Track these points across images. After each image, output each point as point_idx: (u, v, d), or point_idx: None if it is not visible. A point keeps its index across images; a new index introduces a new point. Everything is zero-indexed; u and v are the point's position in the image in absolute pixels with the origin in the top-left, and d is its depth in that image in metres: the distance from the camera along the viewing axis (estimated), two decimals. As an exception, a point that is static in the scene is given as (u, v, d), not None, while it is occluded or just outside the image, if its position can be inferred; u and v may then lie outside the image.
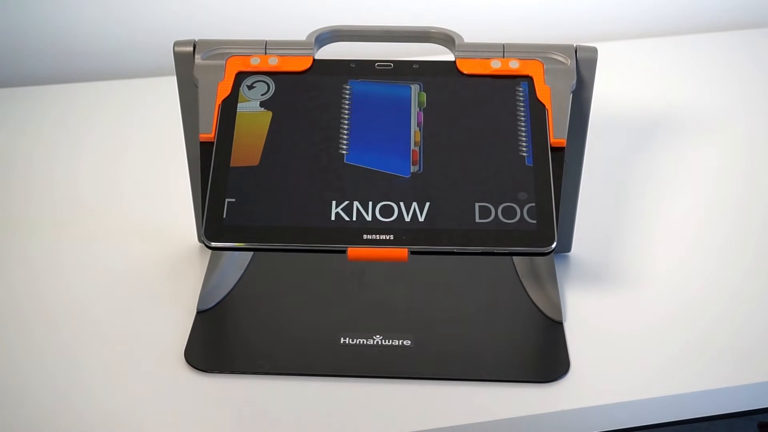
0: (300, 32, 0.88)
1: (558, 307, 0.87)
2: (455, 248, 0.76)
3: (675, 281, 0.92)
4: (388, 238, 0.76)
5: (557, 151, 0.81)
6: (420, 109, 0.83)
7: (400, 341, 0.84)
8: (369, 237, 0.76)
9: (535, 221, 0.77)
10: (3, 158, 1.09)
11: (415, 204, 0.78)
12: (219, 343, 0.87)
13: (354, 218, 0.77)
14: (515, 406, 0.79)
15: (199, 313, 0.87)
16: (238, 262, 0.91)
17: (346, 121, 0.82)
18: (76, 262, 0.93)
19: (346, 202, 0.78)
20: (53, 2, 1.21)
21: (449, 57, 0.85)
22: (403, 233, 0.76)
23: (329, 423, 0.78)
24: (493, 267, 0.92)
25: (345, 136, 0.81)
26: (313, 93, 0.83)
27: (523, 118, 0.82)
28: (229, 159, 0.80)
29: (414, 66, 0.85)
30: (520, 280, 0.90)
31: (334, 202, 0.78)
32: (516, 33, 1.30)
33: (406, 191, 0.79)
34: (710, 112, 1.17)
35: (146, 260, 0.93)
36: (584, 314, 0.87)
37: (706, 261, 0.94)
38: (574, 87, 0.83)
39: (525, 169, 0.80)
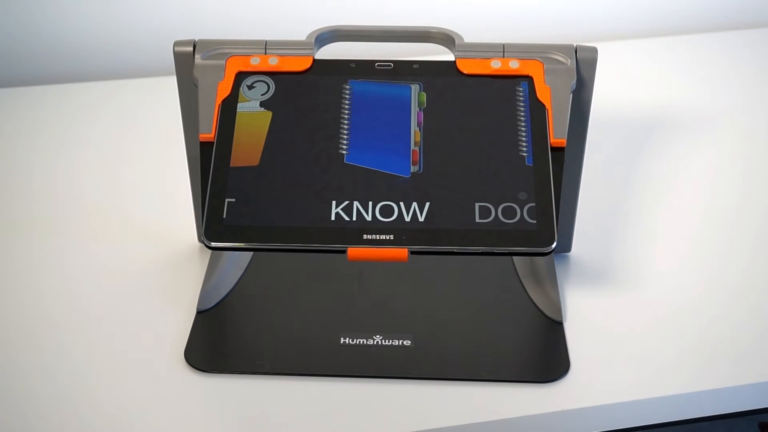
0: (300, 32, 0.88)
1: (558, 307, 0.87)
2: (455, 248, 0.76)
3: (675, 281, 0.92)
4: (388, 238, 0.76)
5: (557, 151, 0.81)
6: (420, 109, 0.83)
7: (400, 341, 0.84)
8: (369, 237, 0.76)
9: (535, 221, 0.77)
10: (3, 158, 1.09)
11: (415, 204, 0.78)
12: (219, 343, 0.87)
13: (354, 218, 0.77)
14: (515, 406, 0.79)
15: (199, 313, 0.87)
16: (238, 262, 0.91)
17: (346, 121, 0.82)
18: (76, 262, 0.93)
19: (346, 202, 0.78)
20: (53, 2, 1.21)
21: (449, 57, 0.85)
22: (403, 233, 0.76)
23: (329, 423, 0.78)
24: (493, 267, 0.92)
25: (345, 136, 0.81)
26: (313, 93, 0.83)
27: (523, 118, 0.82)
28: (229, 159, 0.80)
29: (414, 66, 0.85)
30: (520, 280, 0.90)
31: (334, 202, 0.78)
32: (516, 33, 1.30)
33: (406, 191, 0.79)
34: (710, 112, 1.17)
35: (146, 260, 0.93)
36: (584, 314, 0.87)
37: (705, 261, 0.94)
38: (574, 87, 0.83)
39: (525, 169, 0.80)
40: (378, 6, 1.28)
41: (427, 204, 0.78)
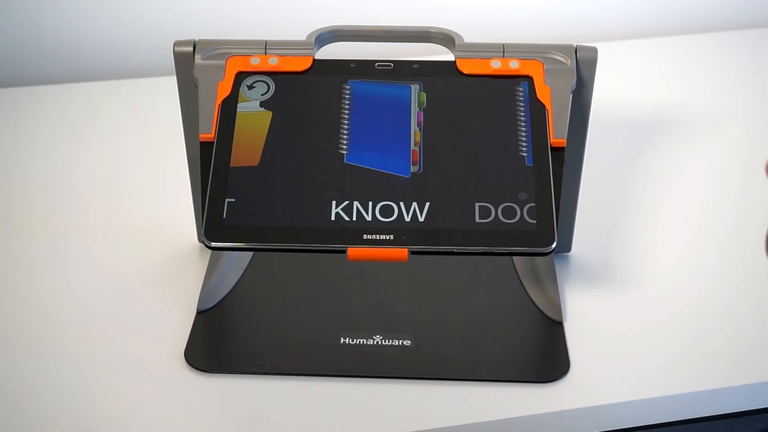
0: (300, 32, 0.88)
1: (558, 307, 0.87)
2: (455, 248, 0.76)
3: (675, 281, 0.92)
4: (388, 238, 0.76)
5: (557, 151, 0.81)
6: (420, 109, 0.83)
7: (400, 341, 0.84)
8: (369, 237, 0.76)
9: (535, 221, 0.77)
10: (3, 158, 1.09)
11: (415, 204, 0.78)
12: (219, 343, 0.87)
13: (354, 218, 0.77)
14: (515, 406, 0.79)
15: (199, 313, 0.87)
16: (238, 262, 0.91)
17: (346, 121, 0.82)
18: (76, 262, 0.93)
19: (346, 202, 0.78)
20: (53, 2, 1.21)
21: (449, 57, 0.85)
22: (403, 233, 0.76)
23: (329, 423, 0.78)
24: (493, 267, 0.92)
25: (345, 136, 0.81)
26: (313, 93, 0.83)
27: (523, 118, 0.82)
28: (229, 159, 0.80)
29: (414, 66, 0.85)
30: (520, 280, 0.90)
31: (334, 202, 0.78)
32: (516, 33, 1.30)
33: (406, 191, 0.79)
34: (710, 112, 1.17)
35: (146, 260, 0.93)
36: (584, 314, 0.87)
37: (706, 261, 0.94)
38: (574, 87, 0.83)
39: (525, 169, 0.80)
40: (378, 6, 1.28)
41: (427, 204, 0.78)
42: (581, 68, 0.83)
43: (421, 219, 0.77)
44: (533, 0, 1.32)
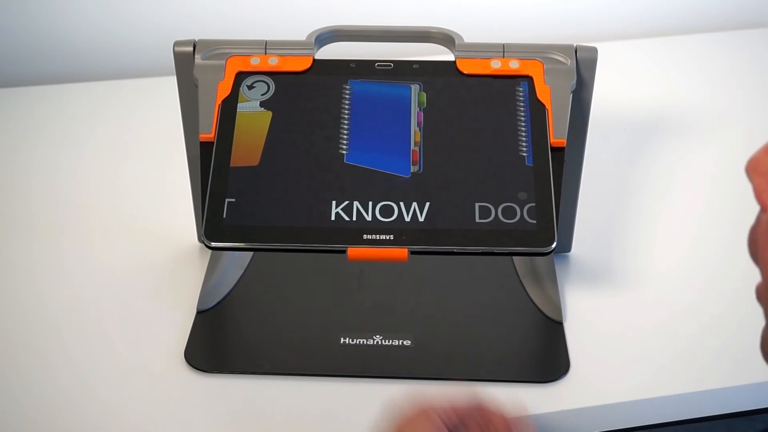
0: (300, 32, 0.88)
1: (558, 307, 0.87)
2: (455, 248, 0.76)
3: (675, 281, 0.92)
4: (388, 238, 0.76)
5: (557, 151, 0.81)
6: (420, 109, 0.83)
7: (400, 341, 0.84)
8: (369, 237, 0.76)
9: (535, 221, 0.77)
10: (3, 158, 1.09)
11: (415, 204, 0.78)
12: (219, 343, 0.87)
13: (354, 218, 0.77)
14: (515, 406, 0.79)
15: (199, 313, 0.87)
16: (238, 262, 0.91)
17: (346, 121, 0.82)
18: (77, 262, 0.93)
19: (346, 202, 0.78)
20: (53, 2, 1.21)
21: (449, 57, 0.85)
22: (403, 233, 0.76)
23: (329, 423, 0.78)
24: (493, 267, 0.92)
25: (345, 136, 0.81)
26: (313, 93, 0.83)
27: (523, 118, 0.82)
28: (229, 159, 0.80)
29: (414, 66, 0.85)
30: (520, 280, 0.90)
31: (334, 202, 0.78)
32: (516, 33, 1.30)
33: (406, 191, 0.78)
34: (710, 112, 1.17)
35: (146, 260, 0.93)
36: (584, 314, 0.87)
37: (706, 261, 0.94)
38: (574, 87, 0.83)
39: (525, 169, 0.80)
40: (378, 6, 1.28)
41: (427, 204, 0.78)
42: (581, 68, 0.83)
43: (421, 219, 0.77)
44: (533, 0, 1.31)
